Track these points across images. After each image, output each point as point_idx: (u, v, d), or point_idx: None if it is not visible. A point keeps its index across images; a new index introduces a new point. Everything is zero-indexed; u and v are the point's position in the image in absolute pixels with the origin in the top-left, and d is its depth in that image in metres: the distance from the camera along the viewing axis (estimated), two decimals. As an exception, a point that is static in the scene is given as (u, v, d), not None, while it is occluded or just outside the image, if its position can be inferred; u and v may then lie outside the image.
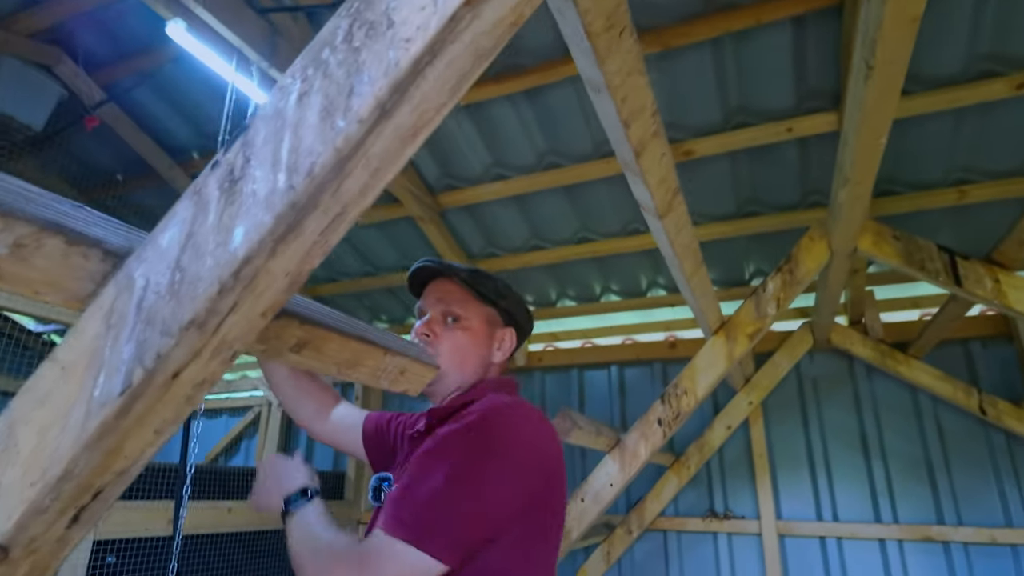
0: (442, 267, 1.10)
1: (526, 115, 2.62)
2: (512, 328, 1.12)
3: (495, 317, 1.10)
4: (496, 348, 1.09)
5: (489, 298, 1.08)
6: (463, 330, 1.06)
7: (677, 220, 1.47)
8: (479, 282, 1.09)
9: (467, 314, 1.07)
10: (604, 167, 2.71)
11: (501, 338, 1.09)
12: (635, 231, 3.07)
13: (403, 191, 2.87)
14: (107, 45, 2.66)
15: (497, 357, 1.09)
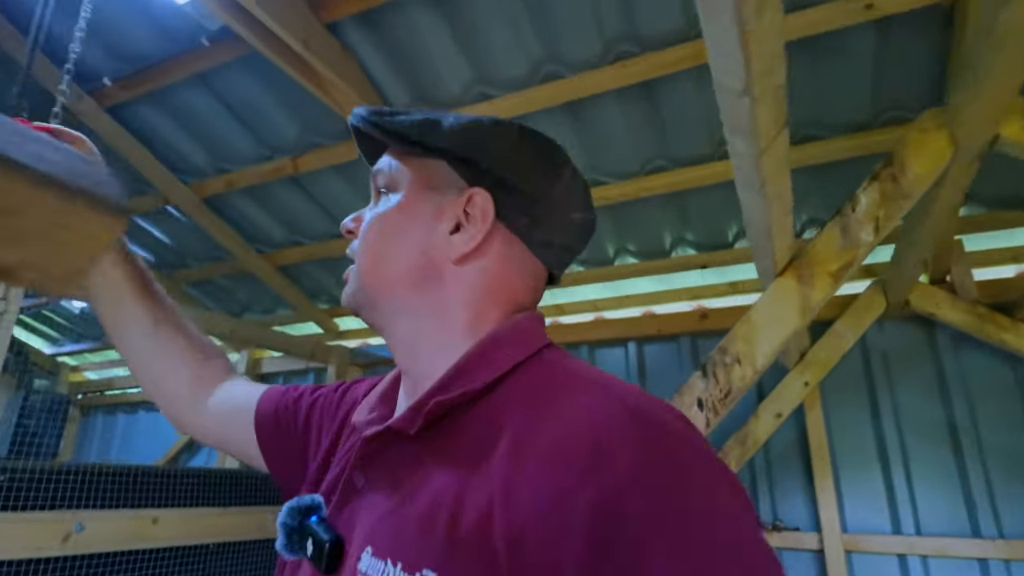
0: (359, 119, 0.61)
1: (515, 5, 1.99)
2: (482, 189, 0.56)
3: (446, 174, 0.58)
4: (451, 228, 0.56)
5: (415, 138, 0.57)
6: (385, 204, 0.59)
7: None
8: (397, 116, 0.58)
9: (395, 178, 0.59)
10: (616, 75, 2.07)
11: (462, 209, 0.56)
12: (658, 169, 2.42)
13: (364, 120, 2.25)
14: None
15: (457, 245, 0.56)
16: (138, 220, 3.30)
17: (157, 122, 2.68)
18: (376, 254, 0.57)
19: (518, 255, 0.57)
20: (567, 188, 0.58)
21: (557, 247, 0.59)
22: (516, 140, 0.57)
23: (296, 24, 1.93)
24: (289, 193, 2.85)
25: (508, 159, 0.56)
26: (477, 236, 0.54)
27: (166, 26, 2.28)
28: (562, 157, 0.59)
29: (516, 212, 0.56)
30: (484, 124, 0.57)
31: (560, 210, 0.57)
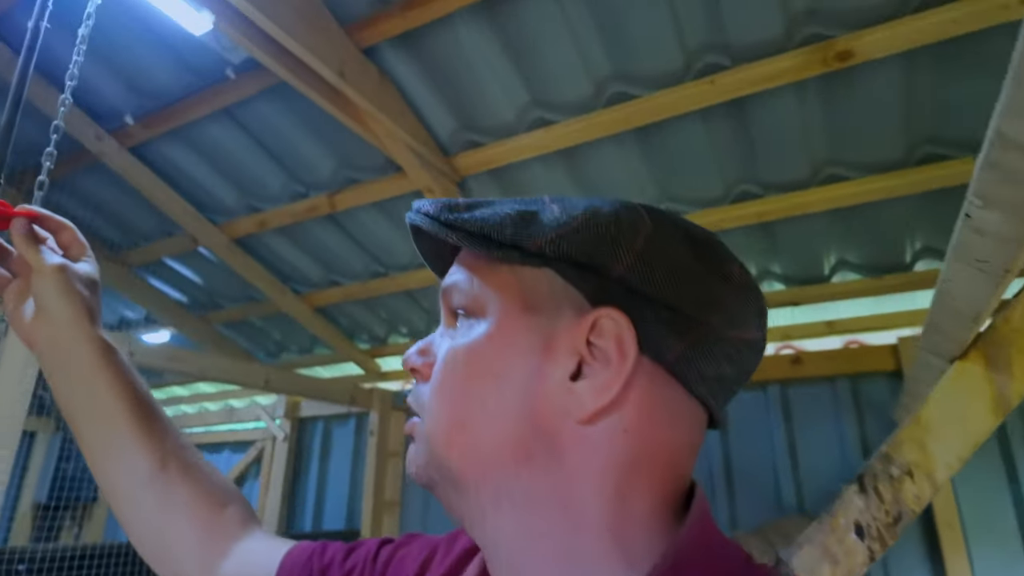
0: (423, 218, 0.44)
1: (578, 15, 1.69)
2: (615, 308, 0.38)
3: (554, 288, 0.40)
4: (572, 372, 0.39)
5: (504, 238, 0.40)
6: (464, 338, 0.42)
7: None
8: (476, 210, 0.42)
9: (474, 298, 0.42)
10: (702, 92, 1.75)
11: (584, 339, 0.39)
12: (746, 196, 2.08)
13: (406, 154, 1.99)
14: None
15: (582, 398, 0.38)
16: (168, 261, 3.11)
17: (183, 160, 2.47)
18: (457, 415, 0.41)
19: (671, 399, 0.39)
20: (739, 296, 0.41)
21: (727, 380, 0.41)
22: (653, 232, 0.40)
23: (330, 53, 1.67)
24: (326, 232, 2.61)
25: (649, 261, 0.39)
26: (614, 381, 0.37)
27: (188, 60, 2.06)
28: (725, 251, 0.42)
29: (665, 337, 0.38)
30: (604, 213, 0.40)
31: (728, 327, 0.40)
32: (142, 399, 0.64)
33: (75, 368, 0.62)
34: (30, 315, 0.63)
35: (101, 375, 0.62)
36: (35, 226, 0.65)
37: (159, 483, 0.61)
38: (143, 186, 2.52)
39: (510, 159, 2.08)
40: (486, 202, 0.43)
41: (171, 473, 0.62)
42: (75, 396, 0.63)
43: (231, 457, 3.95)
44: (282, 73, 1.71)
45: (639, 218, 0.40)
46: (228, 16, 1.53)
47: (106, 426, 0.62)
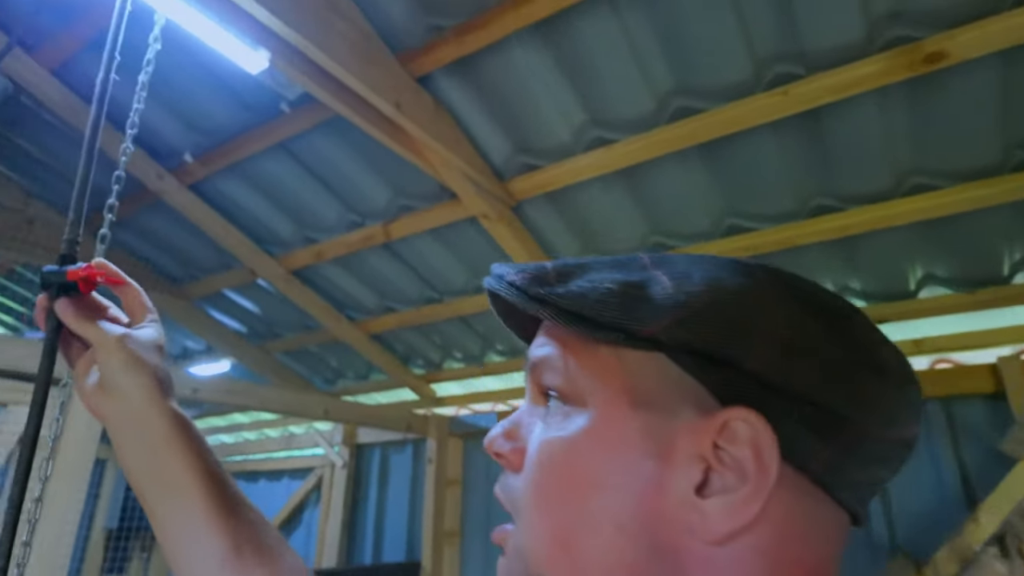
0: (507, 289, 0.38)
1: (638, 28, 1.62)
2: (750, 409, 0.31)
3: (671, 379, 0.33)
4: (696, 484, 0.32)
5: (608, 320, 0.34)
6: (561, 431, 0.36)
7: None
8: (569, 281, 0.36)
9: (571, 382, 0.36)
10: (776, 104, 1.64)
11: (710, 443, 0.32)
12: (820, 210, 1.95)
13: (461, 181, 1.94)
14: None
15: (713, 518, 0.31)
16: (227, 293, 3.16)
17: (240, 195, 2.50)
18: (559, 530, 0.35)
19: (813, 512, 0.33)
20: (899, 389, 0.34)
21: (877, 484, 0.36)
22: (794, 311, 0.34)
23: (386, 85, 1.64)
24: (381, 261, 2.59)
25: (792, 350, 0.32)
26: (752, 499, 0.31)
27: (244, 97, 2.07)
28: (876, 331, 0.35)
29: (810, 442, 0.32)
30: (730, 291, 0.34)
31: (884, 427, 0.33)
32: (216, 475, 0.60)
33: (147, 443, 0.58)
34: (96, 386, 0.59)
35: (174, 450, 0.58)
36: (94, 293, 0.62)
37: (232, 567, 0.56)
38: (203, 221, 2.56)
39: (567, 181, 2.01)
40: (578, 266, 0.38)
41: (246, 556, 0.57)
42: (146, 472, 0.58)
43: (290, 484, 3.97)
44: (339, 108, 1.69)
45: (772, 295, 0.34)
46: (284, 53, 1.52)
47: (179, 505, 0.57)
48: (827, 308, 0.35)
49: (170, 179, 2.43)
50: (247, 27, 1.44)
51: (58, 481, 1.79)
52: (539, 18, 1.61)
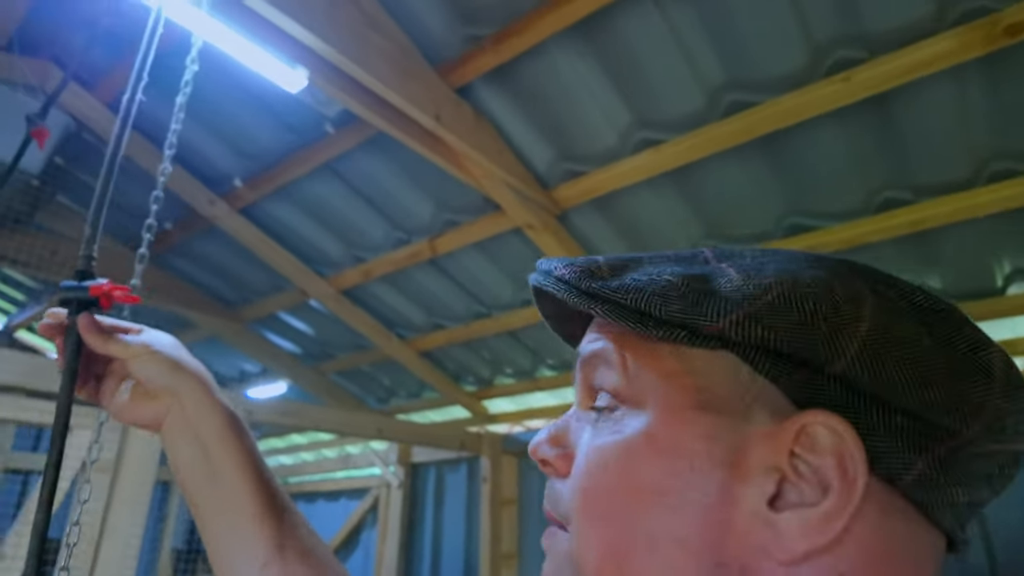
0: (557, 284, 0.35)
1: (684, 21, 1.54)
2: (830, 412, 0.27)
3: (739, 380, 0.30)
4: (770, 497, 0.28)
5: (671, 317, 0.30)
6: (615, 436, 0.32)
7: None
8: (626, 275, 0.33)
9: (630, 381, 0.33)
10: (836, 91, 1.53)
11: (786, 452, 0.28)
12: (891, 204, 1.81)
13: (504, 192, 1.90)
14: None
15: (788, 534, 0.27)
16: (281, 315, 3.21)
17: (289, 217, 2.54)
18: (614, 544, 0.31)
19: (905, 532, 0.29)
20: (1006, 396, 0.29)
21: (979, 505, 0.31)
22: (878, 308, 0.30)
23: (425, 98, 1.62)
24: (428, 277, 2.57)
25: (879, 350, 0.28)
26: (835, 515, 0.27)
27: (288, 120, 2.10)
28: (978, 332, 0.31)
29: (903, 453, 0.28)
30: (807, 283, 0.30)
31: (990, 439, 0.29)
32: (264, 475, 0.59)
33: (199, 441, 0.58)
34: (132, 398, 0.59)
35: (227, 447, 0.58)
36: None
37: (275, 567, 0.55)
38: (254, 245, 2.60)
39: (614, 186, 1.94)
40: (633, 260, 0.36)
41: (288, 555, 0.56)
42: (199, 470, 0.58)
43: (348, 504, 3.98)
44: (378, 123, 1.68)
45: (857, 288, 0.31)
46: (322, 71, 1.52)
47: (228, 502, 0.57)
48: (918, 303, 0.31)
49: (221, 204, 2.48)
50: (284, 46, 1.44)
51: (120, 504, 1.83)
52: (578, 18, 1.56)
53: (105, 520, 1.81)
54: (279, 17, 1.33)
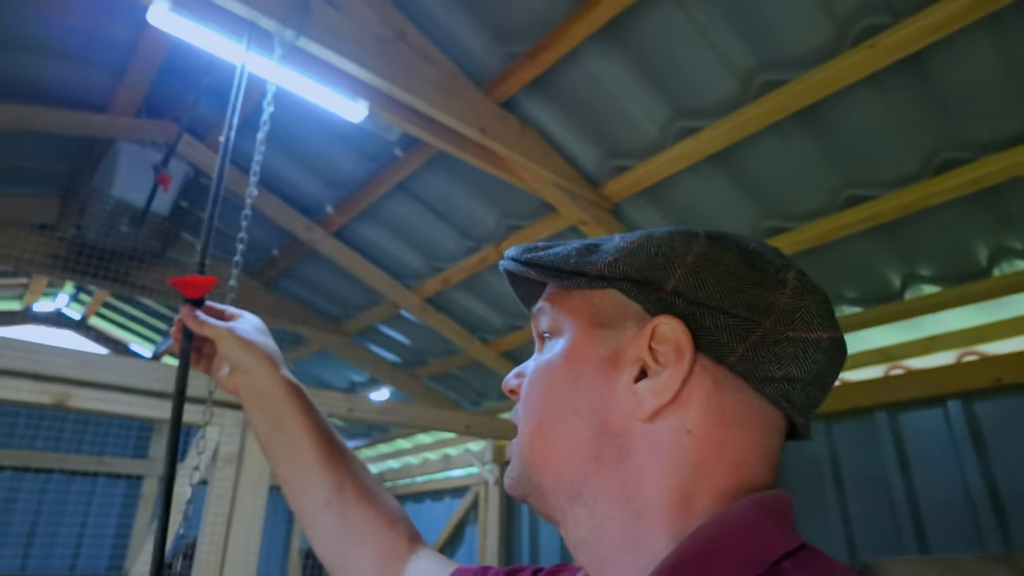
0: (508, 261, 0.52)
1: (705, 15, 1.62)
2: (670, 315, 0.42)
3: (620, 305, 0.45)
4: (635, 376, 0.42)
5: (570, 268, 0.46)
6: (545, 356, 0.47)
7: None
8: (548, 249, 0.49)
9: (554, 321, 0.48)
10: (860, 61, 1.55)
11: (646, 346, 0.42)
12: (949, 164, 1.76)
13: (556, 193, 2.04)
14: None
15: (642, 397, 0.41)
16: (379, 327, 3.52)
17: (375, 236, 2.82)
18: (538, 423, 0.46)
19: (737, 401, 0.41)
20: (795, 298, 0.42)
21: (798, 382, 0.41)
22: (706, 247, 0.44)
23: (471, 114, 1.81)
24: (498, 279, 2.75)
25: (701, 271, 0.42)
26: (672, 380, 0.40)
27: (364, 148, 2.37)
28: (779, 258, 0.45)
29: (727, 340, 0.41)
30: (657, 236, 0.46)
31: (786, 327, 0.41)
32: (323, 430, 0.73)
33: (269, 406, 0.73)
34: (227, 373, 0.77)
35: (289, 409, 0.72)
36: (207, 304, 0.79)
37: (336, 505, 0.68)
38: (348, 264, 2.91)
39: (661, 175, 2.02)
40: (561, 242, 0.50)
41: (347, 495, 0.69)
42: (270, 430, 0.73)
43: (451, 503, 4.22)
44: (432, 141, 1.89)
45: (693, 237, 0.44)
46: (379, 100, 1.75)
47: (294, 454, 0.71)
48: (742, 244, 0.45)
49: (317, 230, 2.81)
50: (345, 83, 1.68)
51: (244, 492, 2.12)
52: (602, 24, 1.69)
53: (233, 505, 2.12)
54: (338, 59, 1.57)
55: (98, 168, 2.40)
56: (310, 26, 1.49)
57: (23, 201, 2.68)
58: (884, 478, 2.25)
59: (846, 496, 2.35)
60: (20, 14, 1.86)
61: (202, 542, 2.03)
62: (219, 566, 2.02)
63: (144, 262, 2.75)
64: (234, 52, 1.49)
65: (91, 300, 4.71)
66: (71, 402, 2.01)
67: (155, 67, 2.13)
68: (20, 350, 1.82)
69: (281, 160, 2.56)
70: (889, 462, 2.26)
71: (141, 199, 2.29)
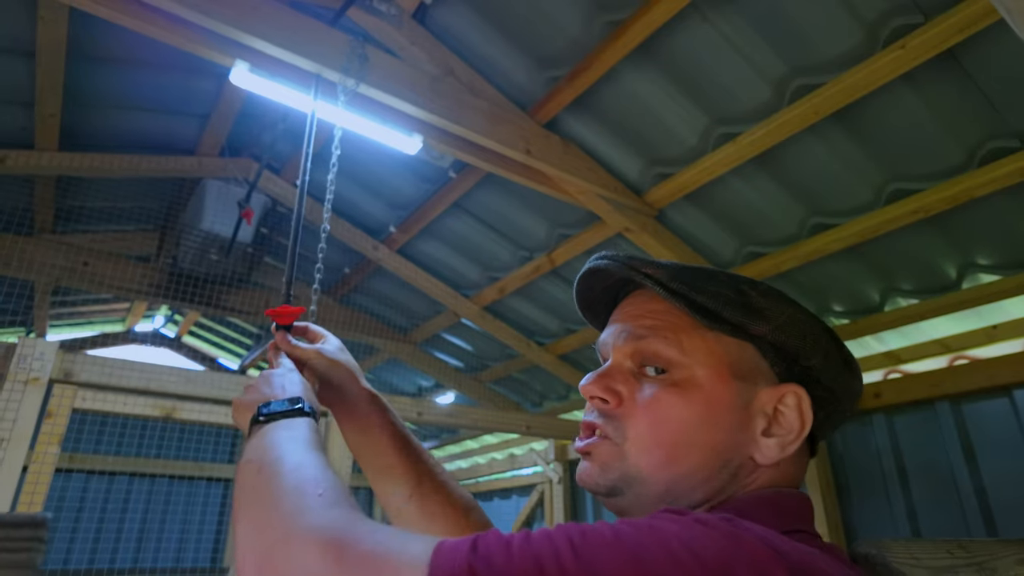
0: (627, 266, 0.54)
1: (734, 29, 1.69)
2: (800, 386, 0.51)
3: (754, 361, 0.52)
4: (763, 429, 0.51)
5: (730, 319, 0.51)
6: (677, 389, 0.51)
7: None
8: (700, 285, 0.52)
9: (685, 355, 0.51)
10: (892, 61, 1.58)
11: (773, 406, 0.51)
12: (995, 154, 1.75)
13: (600, 204, 2.15)
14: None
15: (769, 451, 0.50)
16: (443, 335, 3.71)
17: (434, 251, 3.00)
18: (671, 451, 0.50)
19: (803, 448, 0.53)
20: (854, 377, 0.55)
21: (830, 429, 0.57)
22: (822, 331, 0.54)
23: (516, 137, 1.94)
24: (552, 286, 2.88)
25: (828, 358, 0.53)
26: (794, 442, 0.50)
27: (422, 172, 2.55)
28: (847, 347, 0.56)
29: (818, 409, 0.52)
30: (801, 313, 0.53)
31: (849, 400, 0.55)
32: (401, 432, 0.83)
33: (355, 414, 0.83)
34: (319, 390, 0.88)
35: (372, 416, 0.82)
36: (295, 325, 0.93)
37: (417, 498, 0.77)
38: (411, 277, 3.11)
39: (703, 180, 2.09)
40: (690, 272, 0.53)
41: (425, 488, 0.77)
42: (357, 435, 0.84)
43: (519, 500, 4.37)
44: (481, 164, 2.04)
45: (815, 319, 0.55)
46: (432, 133, 1.91)
47: (378, 455, 0.79)
48: (833, 330, 0.56)
49: (383, 248, 3.02)
50: (402, 121, 1.85)
51: None
52: (635, 45, 1.78)
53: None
54: (395, 101, 1.74)
55: (188, 204, 2.69)
56: (368, 73, 1.67)
57: (127, 237, 3.02)
58: (949, 469, 2.23)
59: (910, 489, 2.33)
60: (123, 79, 2.14)
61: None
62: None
63: (232, 285, 3.04)
64: (304, 101, 1.68)
65: (183, 320, 5.16)
66: (177, 414, 2.28)
67: (235, 112, 2.38)
68: (135, 370, 2.09)
69: (348, 187, 2.78)
70: (954, 453, 2.24)
71: (227, 230, 2.55)
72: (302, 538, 0.39)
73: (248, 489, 0.47)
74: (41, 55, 1.96)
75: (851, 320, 2.43)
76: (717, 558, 0.34)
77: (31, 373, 1.91)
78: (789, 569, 0.35)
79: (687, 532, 0.36)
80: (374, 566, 0.36)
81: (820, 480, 2.47)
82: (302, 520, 0.41)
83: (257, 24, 1.52)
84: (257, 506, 0.45)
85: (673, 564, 0.34)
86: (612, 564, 0.34)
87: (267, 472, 0.48)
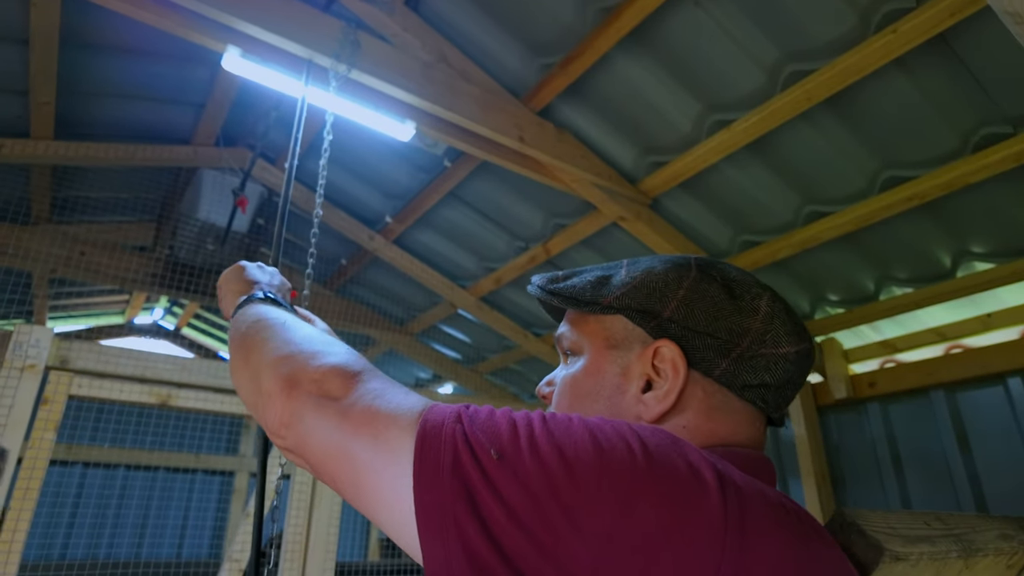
0: (538, 287, 0.65)
1: (726, 14, 1.69)
2: (667, 340, 0.53)
3: (627, 329, 0.56)
4: (642, 387, 0.54)
5: (589, 299, 0.58)
6: (576, 368, 0.58)
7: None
8: (565, 284, 0.61)
9: (580, 339, 0.59)
10: (884, 46, 1.57)
11: (650, 363, 0.54)
12: (988, 140, 1.75)
13: (595, 192, 2.15)
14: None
15: (649, 405, 0.52)
16: (440, 326, 3.71)
17: (430, 241, 3.00)
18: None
19: (723, 403, 0.53)
20: (767, 320, 0.54)
21: (771, 387, 0.53)
22: (696, 280, 0.55)
23: (509, 124, 1.94)
24: (549, 277, 2.88)
25: (691, 303, 0.53)
26: (671, 392, 0.52)
27: (417, 162, 2.55)
28: (755, 287, 0.55)
29: (712, 358, 0.52)
30: (657, 271, 0.56)
31: (763, 347, 0.53)
32: None
33: None
34: None
35: None
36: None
37: None
38: (408, 268, 3.11)
39: (697, 168, 2.09)
40: (578, 272, 0.61)
41: None
42: None
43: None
44: (476, 152, 2.03)
45: (685, 272, 0.55)
46: (425, 120, 1.91)
47: None
48: (726, 276, 0.55)
49: (379, 239, 3.02)
50: (395, 107, 1.85)
51: (321, 501, 2.32)
52: (628, 31, 1.78)
53: (313, 496, 2.33)
54: (387, 87, 1.74)
55: (184, 194, 2.69)
56: (360, 59, 1.67)
57: (124, 227, 3.03)
58: (943, 458, 2.24)
59: (905, 477, 2.34)
60: (117, 67, 2.14)
61: (287, 531, 2.26)
62: (303, 553, 2.24)
63: (228, 276, 3.04)
64: (296, 87, 1.68)
65: (183, 312, 5.17)
66: (173, 401, 2.29)
67: (229, 101, 2.38)
68: (131, 358, 2.10)
69: (343, 177, 2.78)
70: (948, 441, 2.24)
71: (223, 219, 2.55)
72: (324, 365, 0.50)
73: (267, 332, 0.58)
74: (34, 42, 1.96)
75: (847, 309, 2.43)
76: (659, 446, 0.40)
77: (27, 360, 1.91)
78: (717, 473, 0.40)
79: (637, 426, 0.42)
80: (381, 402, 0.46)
81: (815, 468, 2.48)
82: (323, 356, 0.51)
83: (248, 9, 1.52)
84: (281, 341, 0.55)
85: (622, 440, 0.40)
86: (572, 434, 0.40)
87: (290, 323, 0.59)
